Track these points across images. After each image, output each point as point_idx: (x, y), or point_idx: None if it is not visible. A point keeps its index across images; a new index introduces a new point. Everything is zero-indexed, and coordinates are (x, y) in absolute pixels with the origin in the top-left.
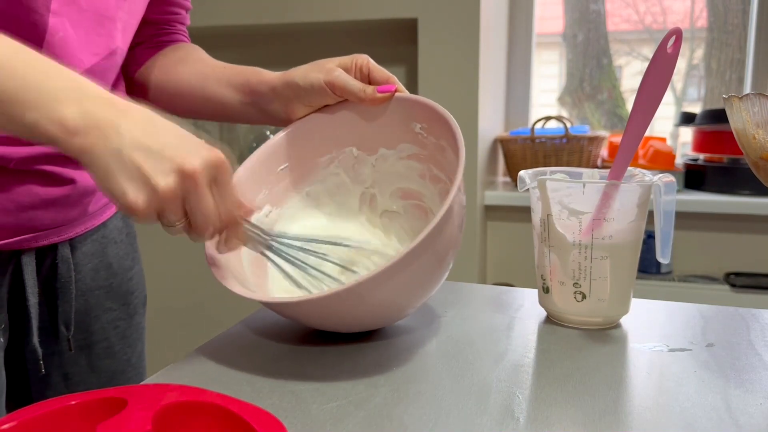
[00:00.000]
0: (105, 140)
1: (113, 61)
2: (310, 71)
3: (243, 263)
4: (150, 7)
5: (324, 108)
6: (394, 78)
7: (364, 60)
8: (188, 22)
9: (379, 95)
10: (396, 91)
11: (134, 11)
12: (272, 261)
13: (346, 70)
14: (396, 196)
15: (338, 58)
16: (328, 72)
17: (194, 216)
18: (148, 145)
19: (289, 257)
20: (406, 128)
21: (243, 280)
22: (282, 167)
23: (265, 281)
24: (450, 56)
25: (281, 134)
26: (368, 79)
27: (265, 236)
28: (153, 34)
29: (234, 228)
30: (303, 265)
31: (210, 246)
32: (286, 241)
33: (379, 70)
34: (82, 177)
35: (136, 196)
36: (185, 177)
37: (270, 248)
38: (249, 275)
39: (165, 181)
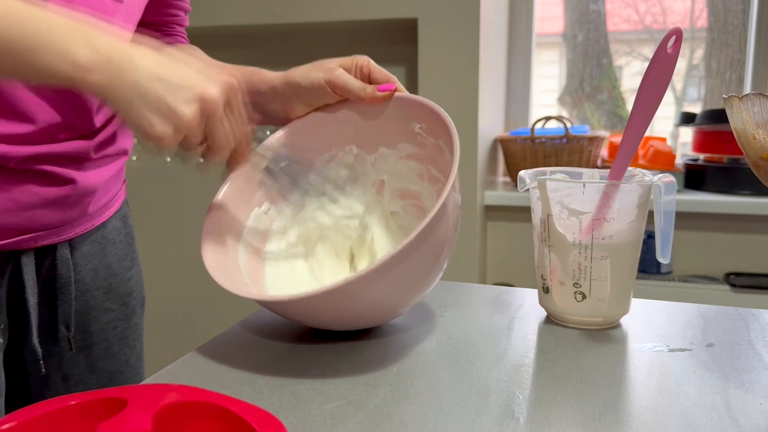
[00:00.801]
0: (121, 75)
1: None
2: (310, 70)
3: (239, 263)
4: (148, 9)
5: (324, 108)
6: (394, 78)
7: (365, 61)
8: (187, 23)
9: (379, 94)
10: (396, 90)
11: (131, 13)
12: (273, 178)
13: (347, 70)
14: (395, 195)
15: (339, 59)
16: (328, 71)
17: (213, 138)
18: (165, 76)
19: (290, 175)
20: (405, 128)
21: (238, 279)
22: (281, 165)
23: (261, 281)
24: (450, 56)
25: (281, 132)
26: (368, 79)
27: (267, 153)
28: (152, 35)
29: (244, 146)
30: (309, 184)
31: (206, 248)
32: (291, 165)
33: (379, 71)
34: (83, 177)
35: (163, 127)
36: (206, 103)
37: (270, 168)
38: (245, 274)
39: (189, 109)
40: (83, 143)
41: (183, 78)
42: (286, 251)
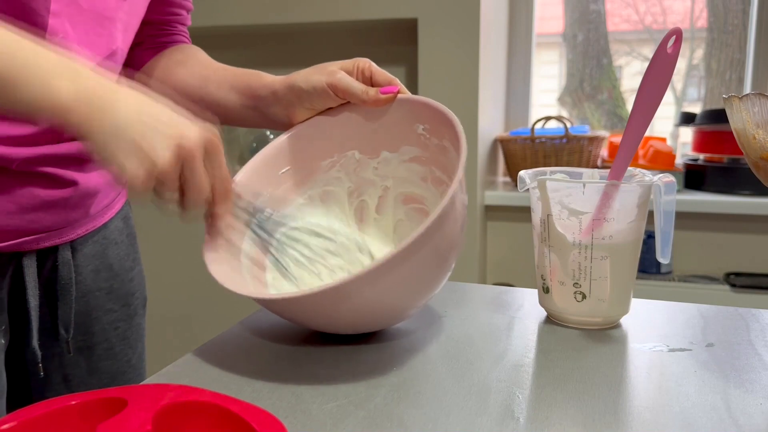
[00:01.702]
0: (101, 116)
1: (114, 62)
2: (312, 74)
3: (242, 263)
4: (150, 8)
5: (326, 111)
6: (397, 80)
7: (366, 63)
8: (189, 22)
9: (382, 97)
10: (399, 92)
11: (134, 12)
12: (259, 237)
13: (349, 73)
14: (398, 200)
15: (340, 62)
16: (330, 74)
17: (189, 189)
18: (144, 121)
19: (273, 236)
20: (408, 130)
21: (239, 279)
22: (283, 170)
23: (263, 281)
24: (450, 56)
25: (283, 137)
26: (370, 81)
27: (252, 212)
28: (153, 34)
29: (224, 201)
30: (288, 243)
31: (208, 247)
32: (272, 219)
33: (381, 73)
34: (85, 179)
35: (136, 170)
36: (182, 152)
37: (257, 225)
38: (246, 274)
39: (164, 156)
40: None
41: (162, 125)
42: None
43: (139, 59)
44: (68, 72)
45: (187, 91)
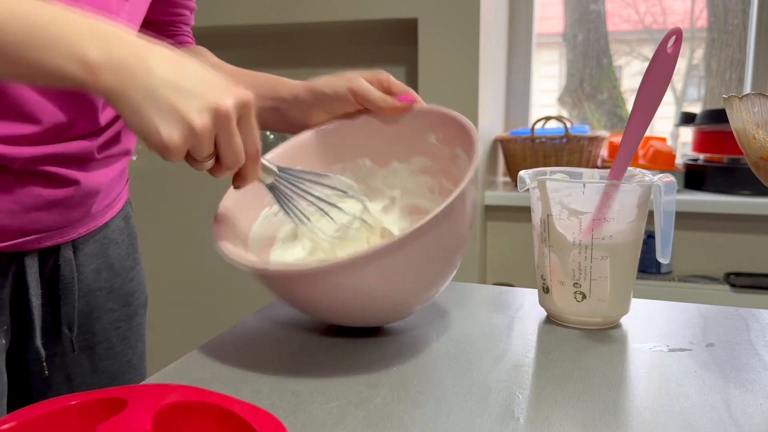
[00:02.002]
0: (134, 78)
1: None
2: (333, 80)
3: (250, 236)
4: (153, 8)
5: (341, 117)
6: (413, 91)
7: (385, 75)
8: (192, 22)
9: (399, 104)
10: (415, 101)
11: (136, 11)
12: (281, 196)
13: (368, 82)
14: (404, 211)
15: (360, 72)
16: (351, 80)
17: (224, 152)
18: (179, 83)
19: (297, 190)
20: (420, 140)
21: (243, 248)
22: (284, 180)
23: (266, 258)
24: (450, 56)
25: (296, 138)
26: (389, 92)
27: (278, 171)
28: (157, 35)
29: (253, 164)
30: (312, 198)
31: (226, 199)
32: (297, 175)
33: (398, 85)
34: (86, 178)
35: (170, 132)
36: (219, 115)
37: (280, 183)
38: (252, 248)
39: (200, 118)
40: (87, 143)
41: (198, 86)
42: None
43: None
44: (97, 32)
45: None
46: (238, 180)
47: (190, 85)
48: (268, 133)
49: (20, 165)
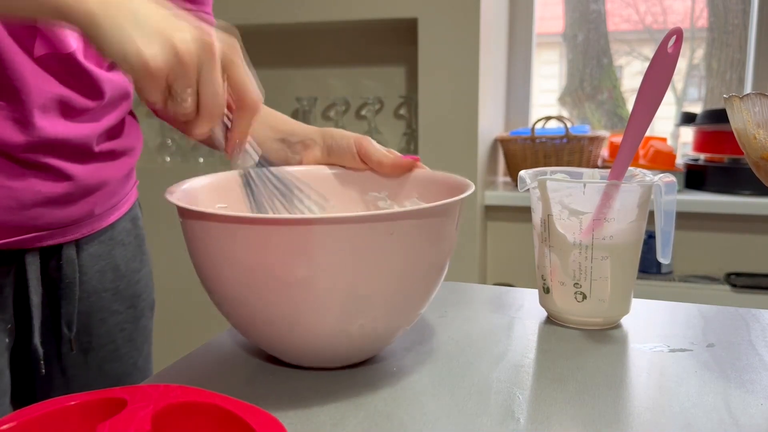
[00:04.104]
0: (118, 4)
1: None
2: (347, 132)
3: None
4: None
5: (325, 168)
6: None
7: (395, 151)
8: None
9: (402, 161)
10: (417, 163)
11: None
12: (253, 189)
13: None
14: None
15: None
16: (361, 137)
17: (205, 92)
18: (165, 14)
19: (274, 189)
20: (405, 198)
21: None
22: (220, 205)
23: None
24: (450, 56)
25: (297, 167)
26: None
27: (258, 158)
28: None
29: (241, 117)
30: (285, 201)
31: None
32: (278, 173)
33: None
34: (84, 173)
35: (153, 52)
36: (206, 47)
37: (257, 176)
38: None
39: (186, 44)
40: (87, 127)
41: (181, 17)
42: None
43: None
44: None
45: None
46: (229, 144)
47: (176, 18)
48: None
49: (22, 152)
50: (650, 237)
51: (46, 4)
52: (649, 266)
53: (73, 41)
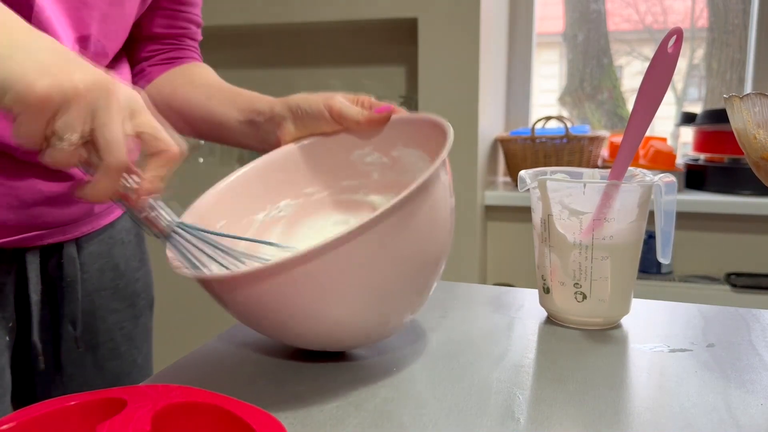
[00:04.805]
0: (10, 34)
1: (84, 48)
2: (310, 96)
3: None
4: (158, 22)
5: (317, 135)
6: (395, 105)
7: (367, 96)
8: (199, 37)
9: (377, 115)
10: (393, 111)
11: (117, 3)
12: (173, 245)
13: (348, 102)
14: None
15: (343, 94)
16: (328, 97)
17: (101, 134)
18: (64, 52)
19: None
20: (386, 151)
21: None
22: (220, 224)
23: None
24: (450, 56)
25: (269, 155)
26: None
27: (170, 218)
28: (162, 50)
29: (154, 163)
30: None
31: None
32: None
33: (380, 104)
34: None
35: (43, 83)
36: (103, 87)
37: (173, 232)
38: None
39: (82, 80)
40: None
41: (84, 63)
42: None
43: (148, 75)
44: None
45: (191, 107)
46: (131, 200)
47: (75, 58)
48: (200, 159)
49: (22, 153)
50: (650, 237)
51: None
52: (649, 266)
53: (72, 32)
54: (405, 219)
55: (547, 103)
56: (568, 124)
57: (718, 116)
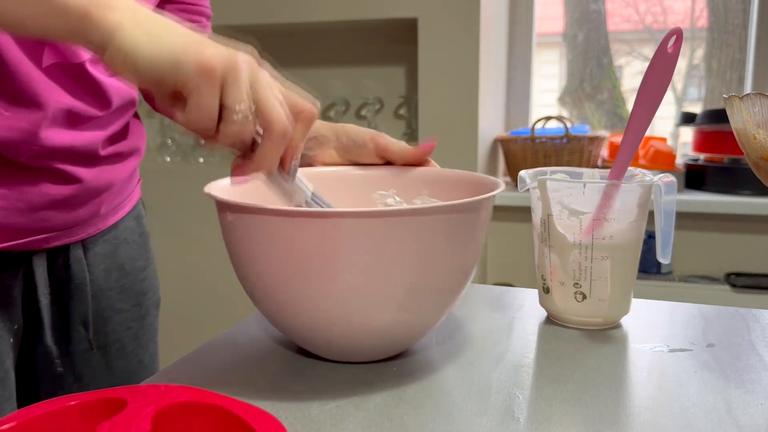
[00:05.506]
0: (145, 18)
1: None
2: (358, 127)
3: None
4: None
5: (334, 170)
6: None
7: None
8: (209, 31)
9: (421, 149)
10: (435, 143)
11: None
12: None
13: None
14: None
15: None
16: (376, 133)
17: (263, 103)
18: (185, 28)
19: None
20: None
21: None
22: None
23: None
24: (450, 56)
25: (320, 169)
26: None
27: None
28: None
29: (269, 140)
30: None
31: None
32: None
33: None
34: (91, 176)
35: (203, 49)
36: (241, 57)
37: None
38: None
39: (222, 49)
40: (94, 135)
41: (204, 36)
42: None
43: None
44: None
45: None
46: (285, 159)
47: (198, 34)
48: None
49: (27, 159)
50: (650, 237)
51: (74, 11)
52: (649, 266)
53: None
54: (471, 218)
55: (547, 103)
56: (568, 124)
57: (717, 116)
